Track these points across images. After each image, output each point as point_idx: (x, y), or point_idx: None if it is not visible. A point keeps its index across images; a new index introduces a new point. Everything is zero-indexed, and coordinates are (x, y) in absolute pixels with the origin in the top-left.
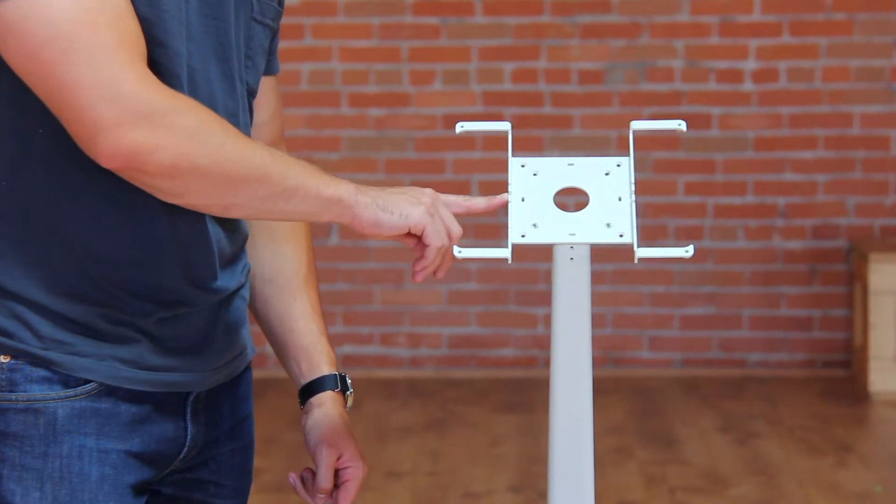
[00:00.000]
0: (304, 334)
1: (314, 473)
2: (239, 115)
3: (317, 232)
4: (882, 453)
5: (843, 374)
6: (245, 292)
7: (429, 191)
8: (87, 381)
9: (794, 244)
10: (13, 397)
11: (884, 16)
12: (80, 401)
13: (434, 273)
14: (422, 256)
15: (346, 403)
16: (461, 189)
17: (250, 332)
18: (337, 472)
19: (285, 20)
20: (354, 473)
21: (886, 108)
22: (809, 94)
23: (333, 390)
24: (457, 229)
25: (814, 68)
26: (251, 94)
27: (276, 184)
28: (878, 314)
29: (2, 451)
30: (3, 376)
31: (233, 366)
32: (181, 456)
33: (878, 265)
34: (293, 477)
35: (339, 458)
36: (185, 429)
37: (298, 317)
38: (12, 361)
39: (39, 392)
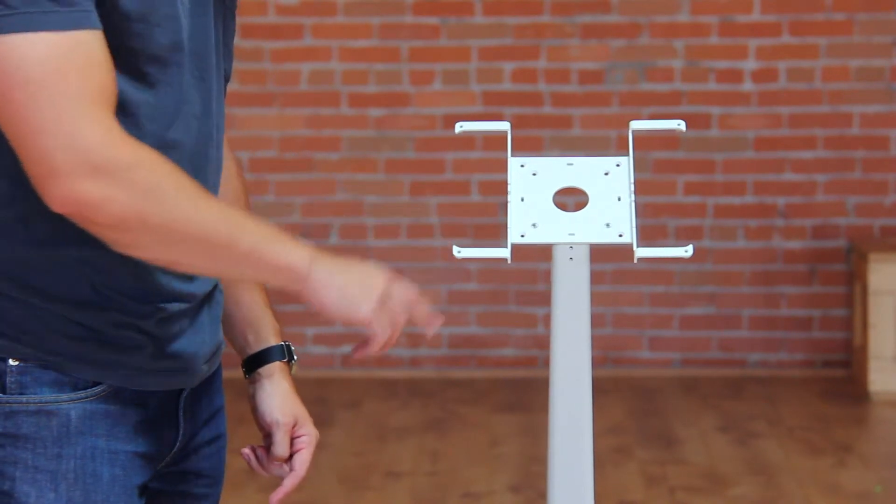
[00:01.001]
0: (250, 308)
1: (266, 448)
2: (213, 106)
3: (316, 232)
4: (882, 453)
5: (842, 374)
6: (221, 285)
7: (383, 277)
8: (97, 384)
9: (794, 244)
10: (24, 399)
11: (883, 16)
12: (90, 402)
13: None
14: (365, 343)
15: (291, 372)
16: (461, 189)
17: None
18: (291, 441)
19: (285, 20)
20: (309, 440)
21: (886, 107)
22: (809, 94)
23: (281, 360)
24: (403, 319)
25: (813, 68)
26: (227, 80)
27: (227, 248)
28: (878, 314)
29: (14, 453)
30: (13, 379)
31: (215, 359)
32: (173, 451)
33: (877, 265)
34: (246, 452)
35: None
36: (178, 425)
37: (244, 290)
38: (21, 364)
39: (51, 394)
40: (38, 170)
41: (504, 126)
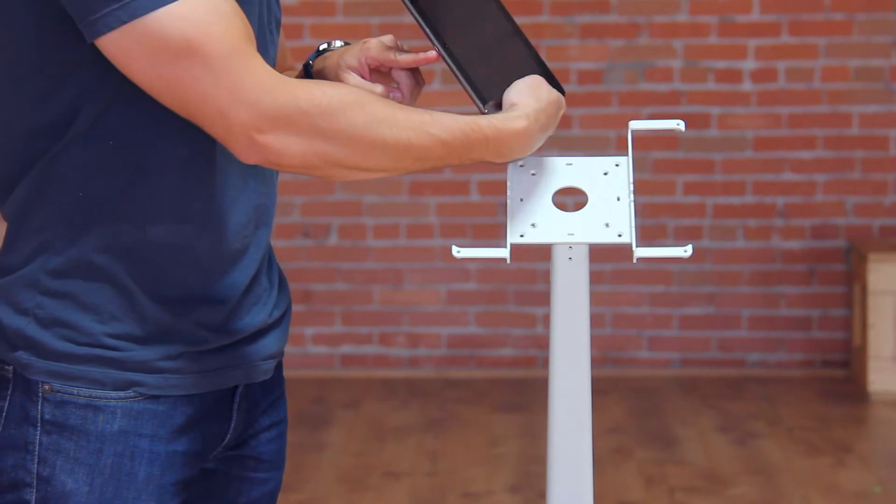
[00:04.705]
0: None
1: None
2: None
3: (316, 232)
4: (881, 453)
5: (842, 374)
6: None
7: (557, 102)
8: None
9: (793, 244)
10: (75, 391)
11: (882, 16)
12: (138, 402)
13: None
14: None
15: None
16: (460, 189)
17: None
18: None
19: (285, 20)
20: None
21: (885, 108)
22: (808, 94)
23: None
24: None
25: (813, 68)
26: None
27: (430, 148)
28: (877, 314)
29: (59, 442)
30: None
31: (276, 359)
32: (224, 443)
33: (876, 265)
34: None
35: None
36: (230, 420)
37: None
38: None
39: (100, 390)
40: (216, 132)
41: None
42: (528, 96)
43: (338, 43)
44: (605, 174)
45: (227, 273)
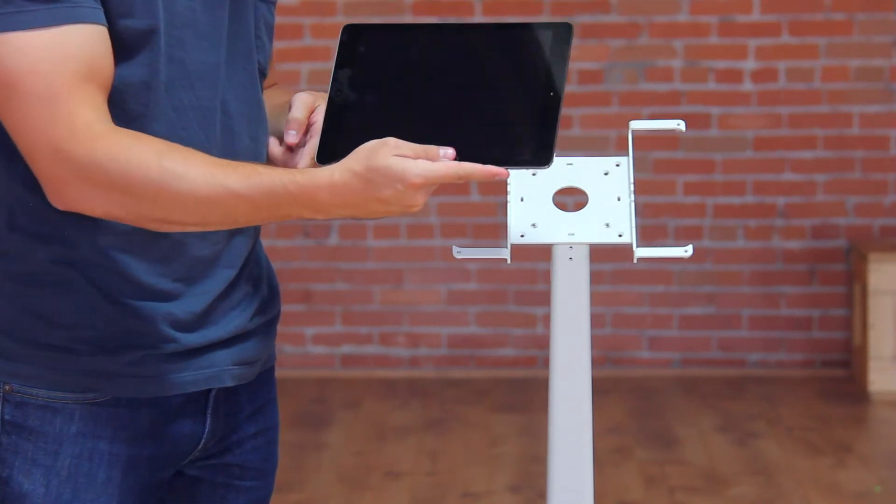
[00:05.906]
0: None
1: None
2: (250, 100)
3: (316, 231)
4: (881, 453)
5: (842, 374)
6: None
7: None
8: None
9: (794, 244)
10: (34, 392)
11: (883, 16)
12: (97, 405)
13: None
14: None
15: None
16: (461, 188)
17: None
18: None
19: (284, 20)
20: None
21: (885, 107)
22: (808, 94)
23: None
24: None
25: (813, 68)
26: (262, 73)
27: (230, 205)
28: (878, 314)
29: (17, 442)
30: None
31: (254, 366)
32: (199, 447)
33: (877, 265)
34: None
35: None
36: (204, 423)
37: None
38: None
39: (59, 392)
40: (32, 168)
41: None
42: (352, 157)
43: None
44: (606, 174)
45: (196, 279)
